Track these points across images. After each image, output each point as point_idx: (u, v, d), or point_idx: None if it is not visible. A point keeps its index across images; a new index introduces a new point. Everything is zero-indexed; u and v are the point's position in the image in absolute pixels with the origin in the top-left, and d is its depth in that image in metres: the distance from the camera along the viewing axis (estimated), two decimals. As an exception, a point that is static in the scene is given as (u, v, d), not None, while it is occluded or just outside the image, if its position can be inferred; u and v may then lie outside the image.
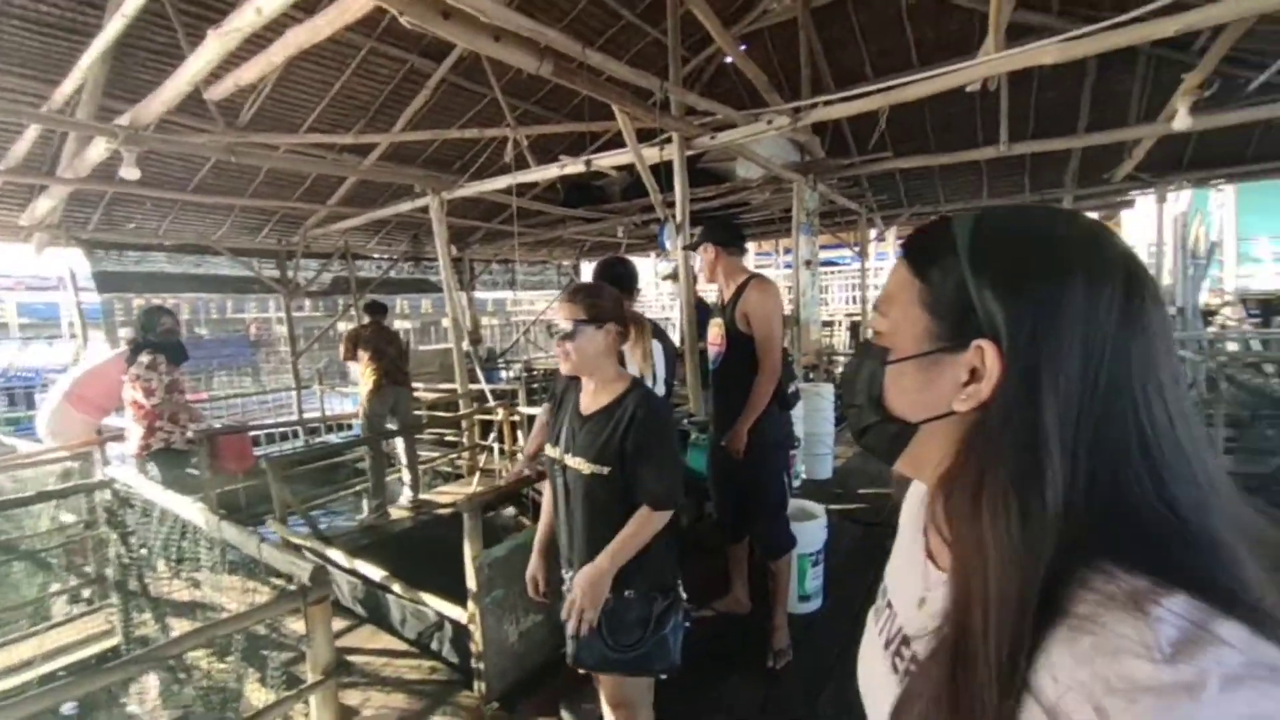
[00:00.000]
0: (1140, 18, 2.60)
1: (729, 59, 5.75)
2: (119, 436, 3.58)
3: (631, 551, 1.49)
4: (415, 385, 5.66)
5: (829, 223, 8.12)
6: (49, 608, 3.01)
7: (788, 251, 14.98)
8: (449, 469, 5.65)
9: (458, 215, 7.29)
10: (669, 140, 4.05)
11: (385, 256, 8.45)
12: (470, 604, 2.35)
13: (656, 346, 2.49)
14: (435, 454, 5.71)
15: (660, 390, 2.60)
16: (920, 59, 5.37)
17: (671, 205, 4.03)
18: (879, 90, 3.48)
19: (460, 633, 2.53)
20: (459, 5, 2.25)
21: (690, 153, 4.24)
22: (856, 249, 8.42)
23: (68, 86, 3.38)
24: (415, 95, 5.29)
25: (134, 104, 3.34)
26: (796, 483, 4.19)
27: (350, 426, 6.98)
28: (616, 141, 4.63)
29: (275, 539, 3.53)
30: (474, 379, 5.36)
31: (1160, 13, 2.60)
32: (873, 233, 8.63)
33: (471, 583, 2.33)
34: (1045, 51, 2.83)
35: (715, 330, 2.57)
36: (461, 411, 5.32)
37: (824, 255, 13.64)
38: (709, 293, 4.22)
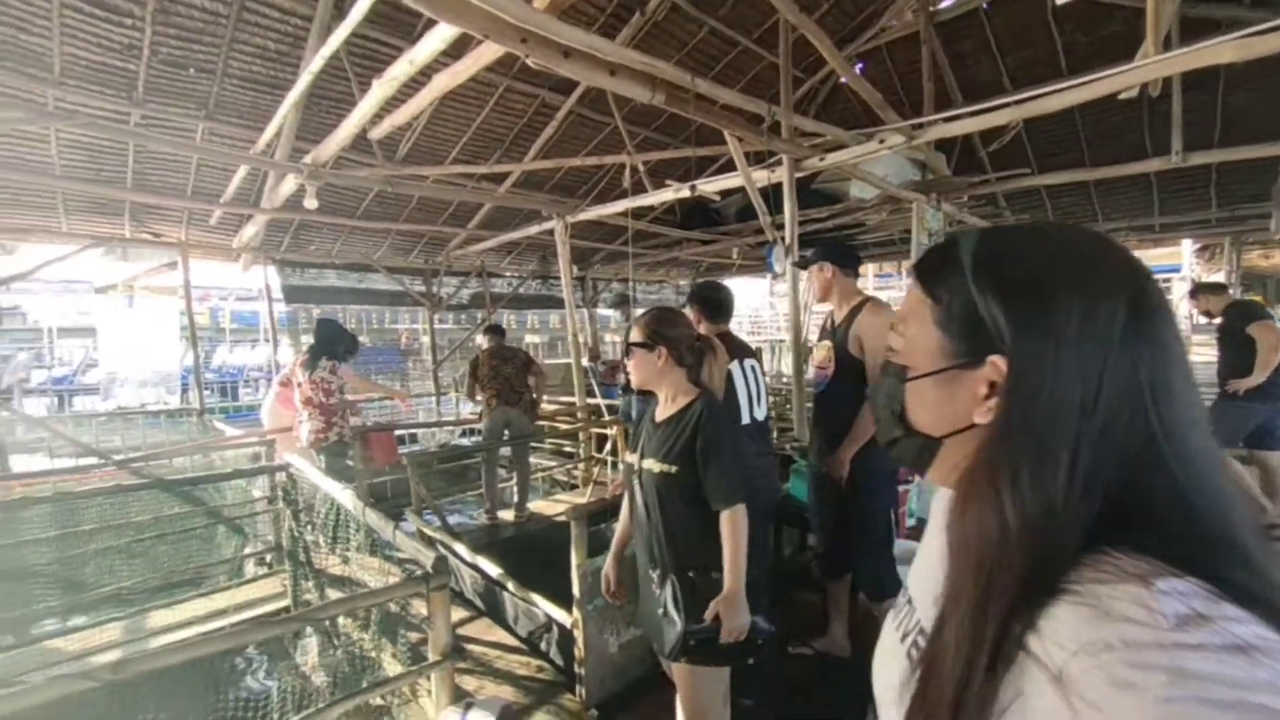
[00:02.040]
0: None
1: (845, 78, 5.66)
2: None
3: (740, 558, 1.57)
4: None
5: (959, 243, 7.57)
6: (243, 567, 3.65)
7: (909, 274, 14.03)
8: (565, 479, 5.95)
9: (581, 237, 7.73)
10: (779, 162, 4.07)
11: (516, 274, 9.16)
12: (574, 609, 2.50)
13: (740, 370, 2.51)
14: (553, 463, 6.05)
15: (760, 413, 2.62)
16: (1070, 66, 4.92)
17: (781, 227, 4.03)
18: (1009, 104, 3.26)
19: (565, 636, 2.67)
20: (578, 45, 2.45)
21: (801, 174, 4.22)
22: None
23: (269, 133, 4.09)
24: (545, 126, 5.72)
25: (315, 145, 3.99)
26: (911, 521, 3.95)
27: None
28: (732, 164, 4.71)
29: (411, 529, 3.97)
30: (591, 394, 5.64)
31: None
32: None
33: (575, 589, 2.47)
34: (1220, 50, 2.51)
35: (823, 353, 2.52)
36: (577, 424, 5.59)
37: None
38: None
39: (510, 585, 2.99)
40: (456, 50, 2.72)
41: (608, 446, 5.41)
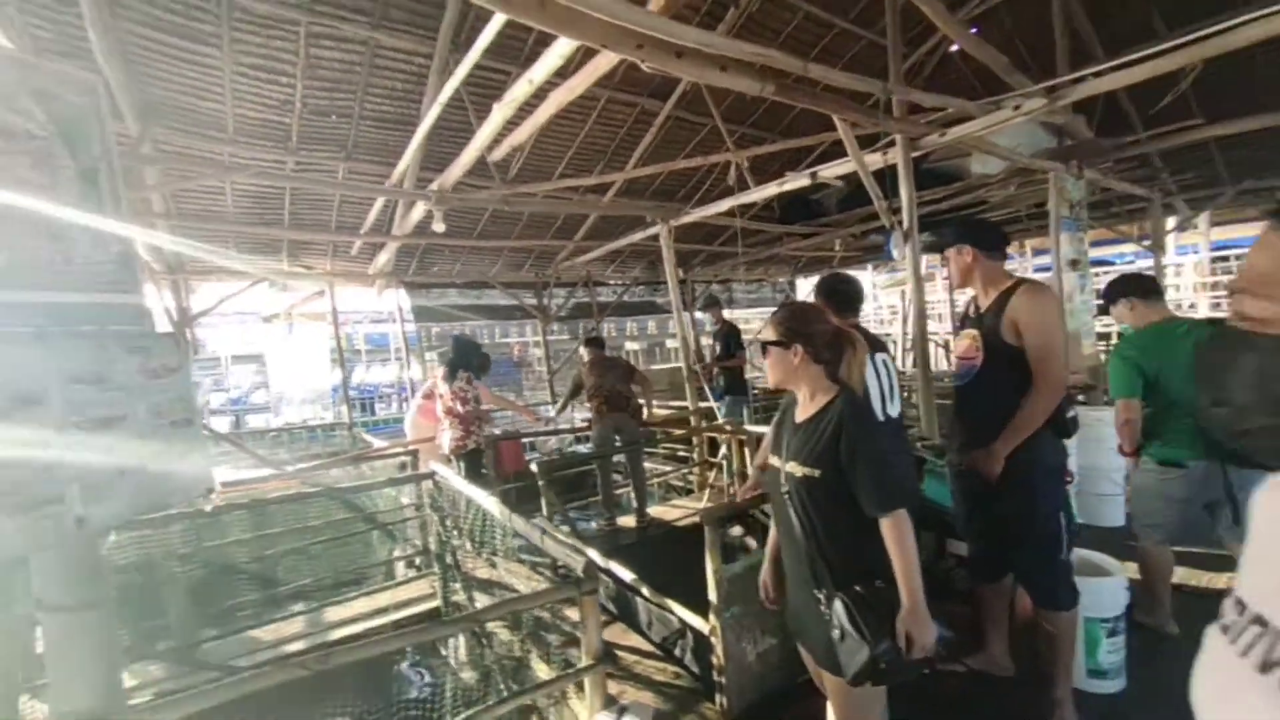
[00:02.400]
0: None
1: (954, 47, 5.25)
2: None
3: (914, 567, 1.48)
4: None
5: (1102, 214, 6.79)
6: (394, 568, 3.97)
7: (1038, 252, 12.76)
8: (681, 484, 5.96)
9: (682, 240, 7.75)
10: (892, 143, 3.85)
11: (619, 282, 9.35)
12: (711, 616, 2.46)
13: (871, 366, 2.36)
14: (668, 468, 6.08)
15: (894, 410, 2.46)
16: (1246, -6, 4.24)
17: (897, 211, 3.81)
18: (1184, 44, 2.84)
19: (701, 643, 2.64)
20: (690, 44, 2.42)
21: (917, 154, 3.97)
22: (1146, 243, 6.85)
23: (402, 165, 4.44)
24: (644, 133, 5.81)
25: (437, 173, 4.28)
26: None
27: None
28: (833, 153, 4.52)
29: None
30: (703, 397, 5.61)
31: None
32: (1171, 221, 6.94)
33: (712, 595, 2.42)
34: None
35: (966, 342, 2.32)
36: (690, 430, 5.58)
37: (1094, 253, 11.39)
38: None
39: (645, 590, 3.01)
40: (562, 69, 2.81)
41: (721, 451, 5.33)
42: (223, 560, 3.25)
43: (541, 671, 2.45)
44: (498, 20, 2.53)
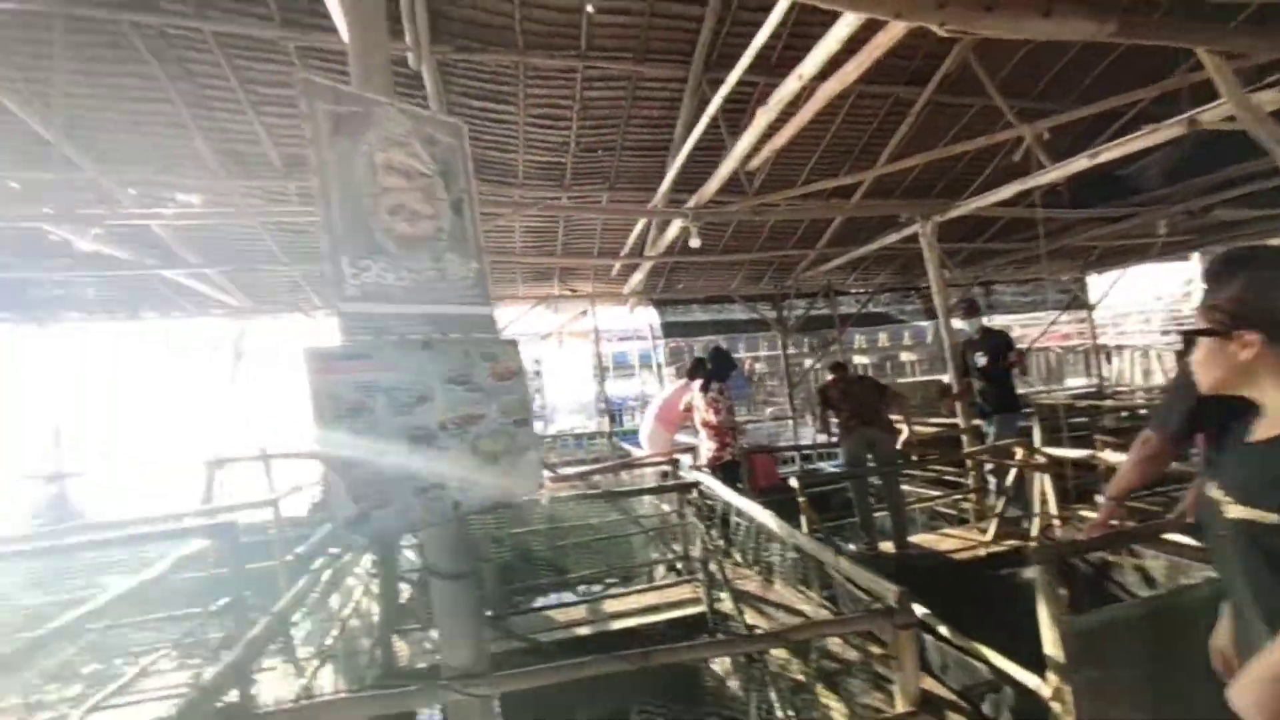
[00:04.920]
0: None
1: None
2: (689, 449, 4.72)
3: None
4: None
5: None
6: (655, 571, 4.13)
7: None
8: (951, 511, 5.16)
9: (938, 240, 6.94)
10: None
11: (862, 290, 8.73)
12: (1052, 675, 1.99)
13: None
14: (936, 493, 5.32)
15: None
16: None
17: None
18: None
19: (1026, 703, 2.18)
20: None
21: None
22: None
23: (664, 186, 4.68)
24: (898, 126, 5.31)
25: (687, 194, 4.37)
26: None
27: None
28: (1152, 113, 3.52)
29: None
30: (984, 414, 4.88)
31: None
32: None
33: (1055, 650, 1.96)
34: None
35: None
36: (966, 450, 4.84)
37: None
38: None
39: (941, 629, 2.60)
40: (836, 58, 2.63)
41: (1010, 477, 4.48)
42: (523, 546, 3.72)
43: (830, 702, 2.24)
44: (765, 31, 2.48)
